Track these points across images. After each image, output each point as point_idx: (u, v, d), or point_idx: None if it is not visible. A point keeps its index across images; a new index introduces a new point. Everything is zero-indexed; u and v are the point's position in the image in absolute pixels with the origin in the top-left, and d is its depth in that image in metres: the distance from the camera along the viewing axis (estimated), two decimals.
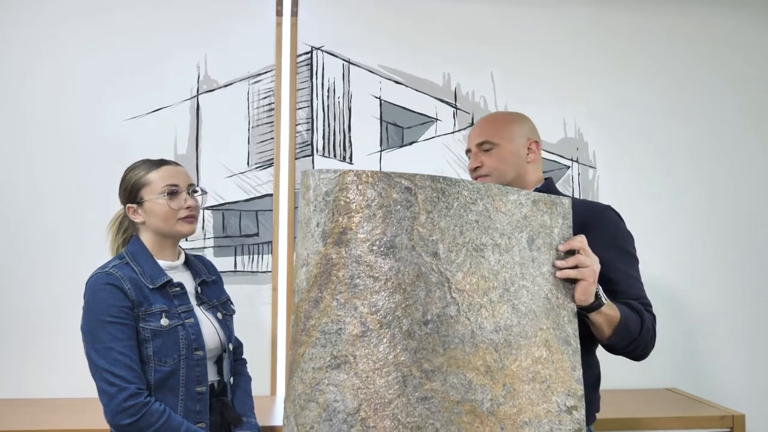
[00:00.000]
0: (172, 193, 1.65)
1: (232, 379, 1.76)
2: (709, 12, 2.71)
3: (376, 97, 2.54)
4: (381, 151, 2.53)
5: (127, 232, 1.73)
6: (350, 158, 2.51)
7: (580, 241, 1.32)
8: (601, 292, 1.35)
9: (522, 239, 1.27)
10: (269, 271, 2.45)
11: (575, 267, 1.30)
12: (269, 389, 2.41)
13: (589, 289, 1.31)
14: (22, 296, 2.33)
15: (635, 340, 1.42)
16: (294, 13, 2.50)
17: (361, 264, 1.12)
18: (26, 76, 2.38)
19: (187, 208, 1.67)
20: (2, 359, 2.32)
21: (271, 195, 2.46)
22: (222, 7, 2.47)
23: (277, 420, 2.10)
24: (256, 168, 2.47)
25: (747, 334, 2.66)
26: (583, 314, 1.35)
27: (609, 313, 1.36)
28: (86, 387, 1.63)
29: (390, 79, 2.54)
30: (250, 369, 1.89)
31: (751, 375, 2.65)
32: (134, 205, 1.67)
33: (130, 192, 1.67)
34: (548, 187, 1.63)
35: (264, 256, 2.46)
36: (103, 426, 1.58)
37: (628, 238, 1.55)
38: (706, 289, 2.64)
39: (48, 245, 2.35)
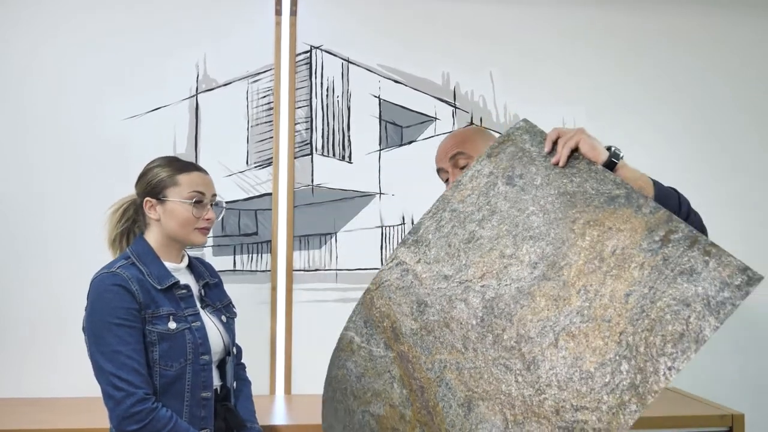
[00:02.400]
0: (199, 202, 1.62)
1: (234, 384, 1.73)
2: (709, 12, 2.71)
3: (376, 96, 2.54)
4: (380, 150, 2.53)
5: (128, 222, 1.68)
6: (349, 157, 2.51)
7: (556, 130, 1.26)
8: (613, 147, 1.25)
9: (498, 189, 1.26)
10: (268, 270, 2.45)
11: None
12: (268, 389, 2.41)
13: (589, 142, 1.22)
14: (22, 296, 2.33)
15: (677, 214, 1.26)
16: (293, 12, 2.50)
17: (417, 335, 1.23)
18: (26, 76, 2.38)
19: (207, 219, 1.64)
20: (2, 359, 2.32)
21: (270, 194, 2.46)
22: (221, 6, 2.47)
23: (277, 420, 2.11)
24: (255, 167, 2.47)
25: (747, 333, 2.65)
26: None
27: (635, 171, 1.27)
28: (86, 387, 1.63)
29: (389, 78, 2.54)
30: (250, 368, 1.88)
31: (751, 375, 2.65)
32: (153, 200, 1.62)
33: (155, 187, 1.62)
34: None
35: (263, 255, 2.46)
36: (104, 425, 1.57)
37: None
38: None
39: (48, 245, 2.35)
